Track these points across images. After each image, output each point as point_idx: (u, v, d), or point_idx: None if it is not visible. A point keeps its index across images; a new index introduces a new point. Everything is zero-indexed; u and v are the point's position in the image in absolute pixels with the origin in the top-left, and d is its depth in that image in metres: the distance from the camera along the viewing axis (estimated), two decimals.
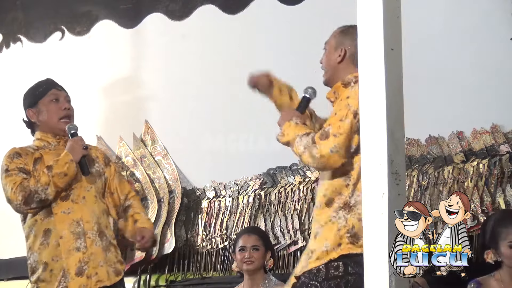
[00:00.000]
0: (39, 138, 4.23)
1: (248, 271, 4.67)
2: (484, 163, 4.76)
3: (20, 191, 4.02)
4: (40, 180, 4.03)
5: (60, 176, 4.04)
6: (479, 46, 4.95)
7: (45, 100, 4.21)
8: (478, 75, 4.93)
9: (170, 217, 5.78)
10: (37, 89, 4.26)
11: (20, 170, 4.10)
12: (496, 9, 4.92)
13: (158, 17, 6.18)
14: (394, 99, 2.67)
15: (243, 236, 4.76)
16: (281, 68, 5.66)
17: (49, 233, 4.09)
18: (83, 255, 4.07)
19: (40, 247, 4.09)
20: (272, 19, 5.72)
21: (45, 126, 4.22)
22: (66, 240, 4.07)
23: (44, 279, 4.09)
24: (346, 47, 3.49)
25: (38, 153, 4.16)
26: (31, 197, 4.03)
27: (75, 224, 4.09)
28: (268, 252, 4.72)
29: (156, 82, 6.18)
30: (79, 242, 4.08)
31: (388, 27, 2.68)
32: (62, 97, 4.24)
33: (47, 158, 4.15)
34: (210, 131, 5.84)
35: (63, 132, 4.20)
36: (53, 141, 4.21)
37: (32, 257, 4.13)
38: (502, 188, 4.69)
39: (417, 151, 5.04)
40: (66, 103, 4.22)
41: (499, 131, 4.83)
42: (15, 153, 4.17)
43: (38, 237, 4.10)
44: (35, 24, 6.70)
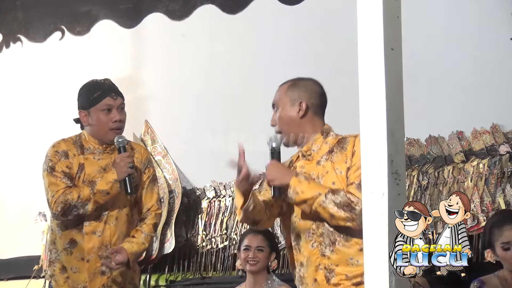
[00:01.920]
0: (86, 139, 4.16)
1: (252, 271, 4.66)
2: (484, 163, 4.77)
3: (61, 202, 3.99)
4: (82, 195, 3.99)
5: (102, 194, 4.00)
6: (479, 46, 4.95)
7: (97, 108, 4.10)
8: (478, 75, 4.93)
9: (170, 217, 5.78)
10: (92, 94, 4.13)
11: (66, 175, 4.05)
12: (496, 9, 4.92)
13: (158, 17, 6.17)
14: (394, 99, 2.67)
15: (249, 236, 4.74)
16: (281, 68, 5.69)
17: (75, 244, 4.08)
18: (107, 279, 4.08)
19: (64, 252, 4.09)
20: (272, 19, 5.72)
21: (94, 132, 4.14)
22: (92, 263, 4.06)
23: (57, 280, 4.11)
24: (304, 100, 3.44)
25: (83, 158, 4.11)
26: (70, 209, 4.01)
27: (104, 248, 4.06)
28: (273, 253, 4.71)
29: (156, 82, 6.19)
30: (104, 266, 4.06)
31: (388, 27, 2.68)
32: (115, 107, 4.12)
33: (89, 168, 4.09)
34: (210, 131, 5.84)
35: (110, 142, 4.12)
36: (99, 148, 4.14)
37: (54, 252, 4.13)
38: (502, 188, 4.69)
39: (417, 151, 5.05)
40: (118, 115, 4.11)
41: (499, 131, 4.83)
42: (64, 152, 4.11)
43: (63, 241, 4.10)
44: (35, 24, 6.70)
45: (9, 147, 6.80)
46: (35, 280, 6.19)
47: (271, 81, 5.70)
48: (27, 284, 6.06)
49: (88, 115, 4.13)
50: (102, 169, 4.10)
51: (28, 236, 6.44)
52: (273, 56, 5.67)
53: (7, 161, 6.84)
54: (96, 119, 4.11)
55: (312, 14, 5.54)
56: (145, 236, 4.16)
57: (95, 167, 4.10)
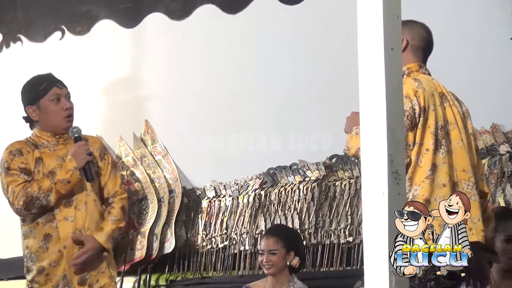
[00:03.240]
0: (38, 135, 4.20)
1: (269, 274, 4.60)
2: (484, 163, 4.76)
3: (22, 196, 4.01)
4: (42, 186, 4.01)
5: (63, 183, 4.03)
6: (479, 46, 4.95)
7: (46, 100, 4.17)
8: (478, 75, 4.93)
9: (170, 217, 5.78)
10: (38, 87, 4.21)
11: (22, 170, 4.08)
12: (496, 9, 4.92)
13: (158, 16, 6.18)
14: (394, 99, 2.67)
15: (263, 239, 4.66)
16: (281, 67, 5.69)
17: (50, 238, 4.08)
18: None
19: (39, 250, 4.09)
20: (272, 19, 5.72)
21: (45, 125, 4.19)
22: (69, 250, 4.07)
23: (38, 282, 4.10)
24: (406, 37, 3.55)
25: (38, 152, 4.14)
26: (32, 202, 4.01)
27: (78, 233, 4.08)
28: (291, 252, 4.57)
29: (156, 82, 6.18)
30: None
31: (388, 27, 2.68)
32: (63, 95, 4.20)
33: (47, 160, 4.12)
34: (210, 131, 5.84)
35: (64, 131, 4.17)
36: (52, 140, 4.18)
37: (29, 258, 4.12)
38: (502, 188, 4.69)
39: None
40: (68, 103, 4.19)
41: (499, 131, 4.83)
42: (17, 150, 4.14)
43: (37, 240, 4.09)
44: (35, 23, 6.70)
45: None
46: None
47: (271, 81, 5.74)
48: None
49: (38, 109, 4.17)
50: (61, 159, 4.12)
51: None
52: (273, 56, 5.67)
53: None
54: (47, 110, 4.15)
55: (312, 14, 5.53)
56: (114, 220, 4.16)
57: (54, 158, 4.13)
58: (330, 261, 5.20)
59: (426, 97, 3.49)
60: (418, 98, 3.46)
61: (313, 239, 5.24)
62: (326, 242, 5.21)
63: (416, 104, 3.45)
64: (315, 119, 5.42)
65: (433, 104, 3.51)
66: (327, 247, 5.22)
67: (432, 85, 3.58)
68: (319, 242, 5.23)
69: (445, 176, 3.43)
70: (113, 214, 4.19)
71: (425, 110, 3.47)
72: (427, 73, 3.66)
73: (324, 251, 5.23)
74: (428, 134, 3.46)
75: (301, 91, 5.55)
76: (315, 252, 5.26)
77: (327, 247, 5.22)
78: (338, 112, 3.81)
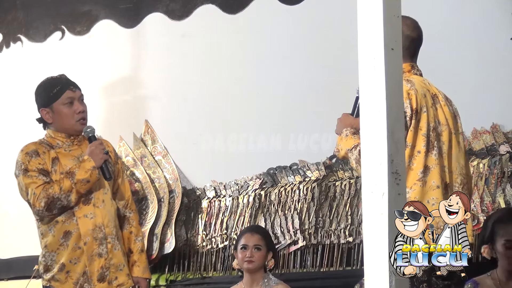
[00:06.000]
0: (52, 136, 4.23)
1: (249, 270, 4.66)
2: (484, 163, 4.77)
3: (43, 197, 4.04)
4: (63, 187, 4.05)
5: (82, 183, 4.07)
6: (479, 46, 4.95)
7: (59, 103, 4.19)
8: (478, 75, 4.93)
9: (170, 217, 5.78)
10: (52, 90, 4.22)
11: (40, 172, 4.11)
12: (496, 9, 4.92)
13: (158, 16, 6.18)
14: (394, 99, 2.67)
15: (246, 235, 4.74)
16: (281, 67, 5.69)
17: (70, 235, 4.13)
18: (105, 261, 4.14)
19: (59, 248, 4.14)
20: (272, 19, 5.72)
21: (59, 126, 4.22)
22: (89, 246, 4.12)
23: (58, 279, 4.14)
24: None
25: (54, 153, 4.17)
26: (54, 203, 4.06)
27: (98, 229, 4.14)
28: (270, 253, 4.69)
29: (156, 82, 6.18)
30: (101, 248, 4.14)
31: (388, 27, 2.68)
32: (76, 98, 4.22)
33: (64, 160, 4.16)
34: (210, 131, 5.84)
35: (78, 132, 4.22)
36: (67, 141, 4.22)
37: (49, 256, 4.16)
38: (502, 188, 4.69)
39: None
40: (80, 106, 4.21)
41: (499, 131, 4.83)
42: (33, 151, 4.17)
43: (57, 238, 4.14)
44: (35, 23, 6.70)
45: (10, 147, 6.79)
46: (35, 280, 6.18)
47: (271, 81, 5.74)
48: (27, 284, 6.05)
49: (51, 111, 4.20)
50: (76, 159, 4.17)
51: (28, 236, 6.43)
52: (273, 56, 5.67)
53: (7, 161, 6.83)
54: (60, 113, 4.19)
55: (312, 14, 5.54)
56: (141, 241, 4.35)
57: (70, 158, 4.17)
58: (330, 261, 5.21)
59: (419, 98, 3.48)
60: (410, 100, 3.45)
61: (313, 239, 5.25)
62: (326, 242, 5.22)
63: (408, 107, 3.44)
64: (315, 119, 5.42)
65: (425, 106, 3.50)
66: (327, 247, 5.22)
67: (424, 86, 3.57)
68: (319, 242, 5.24)
69: (438, 178, 3.43)
70: (136, 235, 4.34)
71: (417, 112, 3.46)
72: (419, 73, 3.65)
73: (324, 251, 5.23)
74: (420, 136, 3.46)
75: (301, 91, 5.55)
76: (315, 252, 5.26)
77: (327, 247, 5.22)
78: (338, 112, 3.80)
